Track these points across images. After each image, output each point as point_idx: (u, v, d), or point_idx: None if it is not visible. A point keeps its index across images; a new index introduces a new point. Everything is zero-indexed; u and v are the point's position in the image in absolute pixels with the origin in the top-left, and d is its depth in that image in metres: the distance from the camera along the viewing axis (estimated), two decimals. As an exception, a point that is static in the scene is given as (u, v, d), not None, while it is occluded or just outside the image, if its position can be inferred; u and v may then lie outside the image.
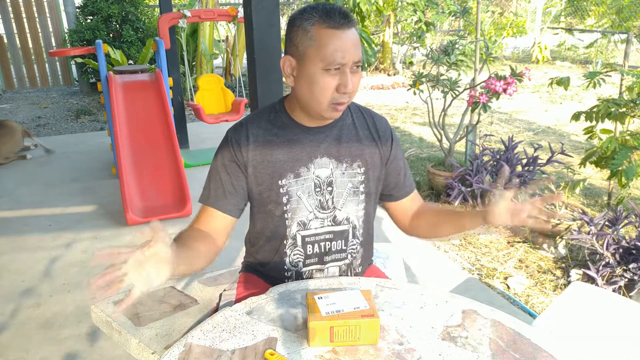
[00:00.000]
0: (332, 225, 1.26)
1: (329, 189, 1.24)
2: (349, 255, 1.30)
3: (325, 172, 1.23)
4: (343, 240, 1.28)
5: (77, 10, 7.05)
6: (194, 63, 7.25)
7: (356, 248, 1.31)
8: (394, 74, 8.53)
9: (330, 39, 1.09)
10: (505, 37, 8.60)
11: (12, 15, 7.26)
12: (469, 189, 3.24)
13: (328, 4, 1.12)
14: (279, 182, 1.21)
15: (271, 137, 1.22)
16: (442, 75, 3.50)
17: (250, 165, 1.21)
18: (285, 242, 1.26)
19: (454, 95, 3.43)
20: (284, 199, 1.22)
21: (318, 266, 1.29)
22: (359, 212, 1.28)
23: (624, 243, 2.31)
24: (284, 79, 1.22)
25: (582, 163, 2.87)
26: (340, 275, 1.31)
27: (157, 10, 7.71)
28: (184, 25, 4.03)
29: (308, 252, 1.27)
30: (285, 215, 1.23)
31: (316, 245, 1.26)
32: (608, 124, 2.87)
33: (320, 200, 1.23)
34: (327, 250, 1.27)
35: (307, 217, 1.24)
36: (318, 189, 1.23)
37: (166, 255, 0.92)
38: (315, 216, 1.24)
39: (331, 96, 1.13)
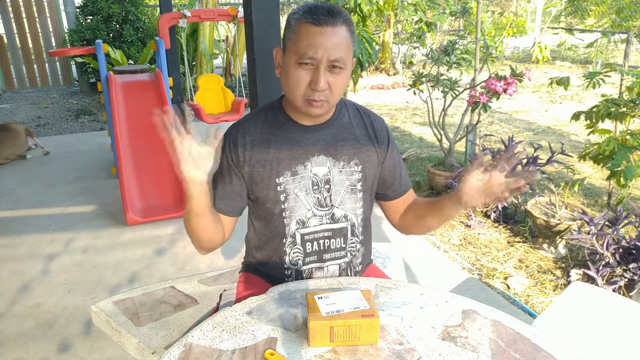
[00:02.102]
0: (330, 222, 1.26)
1: (327, 186, 1.24)
2: (349, 254, 1.30)
3: (323, 170, 1.23)
4: (342, 238, 1.28)
5: (77, 10, 7.03)
6: (194, 63, 7.25)
7: (356, 246, 1.31)
8: (394, 74, 8.52)
9: (306, 32, 1.10)
10: (506, 37, 8.60)
11: (12, 15, 7.25)
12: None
13: (320, 3, 1.13)
14: (276, 180, 1.21)
15: (268, 135, 1.23)
16: (442, 75, 3.50)
17: (247, 164, 1.21)
18: (284, 240, 1.26)
19: (454, 95, 3.43)
20: (282, 197, 1.22)
21: (317, 264, 1.28)
22: (357, 210, 1.28)
23: (624, 243, 2.31)
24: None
25: (582, 157, 2.87)
26: (340, 274, 1.31)
27: (157, 10, 7.71)
28: (184, 25, 4.04)
29: (307, 250, 1.27)
30: (284, 213, 1.23)
31: (315, 243, 1.26)
32: (608, 124, 2.87)
33: (318, 198, 1.24)
34: (325, 248, 1.27)
35: (305, 215, 1.24)
36: (316, 187, 1.23)
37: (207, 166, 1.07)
38: (314, 214, 1.24)
39: (304, 91, 1.13)
